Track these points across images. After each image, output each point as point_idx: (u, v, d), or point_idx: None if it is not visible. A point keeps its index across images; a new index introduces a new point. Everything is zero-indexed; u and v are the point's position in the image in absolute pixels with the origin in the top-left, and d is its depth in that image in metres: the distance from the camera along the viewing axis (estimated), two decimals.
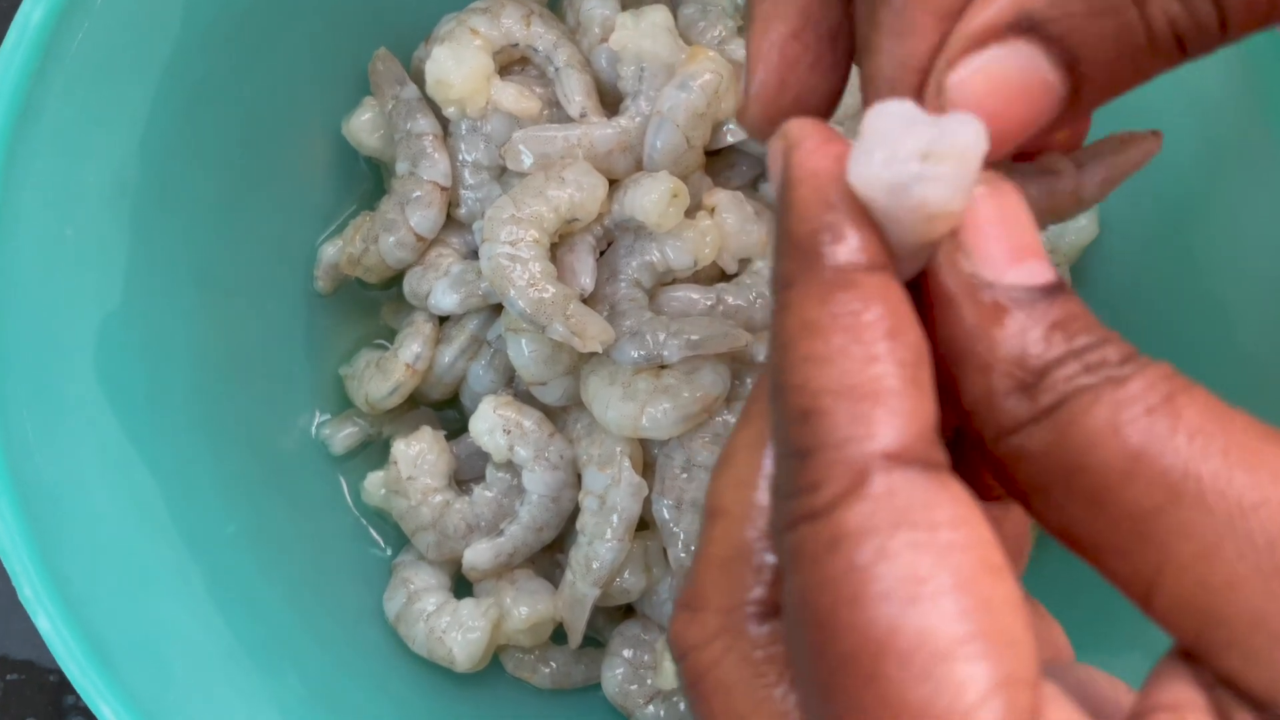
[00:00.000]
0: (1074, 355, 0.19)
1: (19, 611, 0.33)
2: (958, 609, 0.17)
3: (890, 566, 0.18)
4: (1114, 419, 0.18)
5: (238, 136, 0.40)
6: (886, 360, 0.19)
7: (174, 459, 0.38)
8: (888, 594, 0.17)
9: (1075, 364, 0.19)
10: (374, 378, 0.42)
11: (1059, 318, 0.19)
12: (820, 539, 0.18)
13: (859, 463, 0.18)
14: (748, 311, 0.40)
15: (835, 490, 0.18)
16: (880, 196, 0.19)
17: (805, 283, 0.20)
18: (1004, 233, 0.20)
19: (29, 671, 0.47)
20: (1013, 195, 0.20)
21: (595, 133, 0.40)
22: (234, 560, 0.38)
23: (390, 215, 0.41)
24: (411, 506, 0.41)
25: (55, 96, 0.34)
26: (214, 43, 0.38)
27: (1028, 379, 0.19)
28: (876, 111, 0.19)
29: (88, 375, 0.36)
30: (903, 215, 0.19)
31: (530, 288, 0.38)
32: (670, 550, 0.39)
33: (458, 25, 0.40)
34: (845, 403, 0.19)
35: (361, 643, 0.40)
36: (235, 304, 0.41)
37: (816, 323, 0.19)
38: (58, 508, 0.34)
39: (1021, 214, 0.20)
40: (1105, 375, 0.19)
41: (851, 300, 0.19)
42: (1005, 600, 0.18)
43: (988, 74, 0.20)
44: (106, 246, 0.36)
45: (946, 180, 0.19)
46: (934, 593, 0.17)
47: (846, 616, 0.18)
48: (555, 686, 0.42)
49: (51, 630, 0.32)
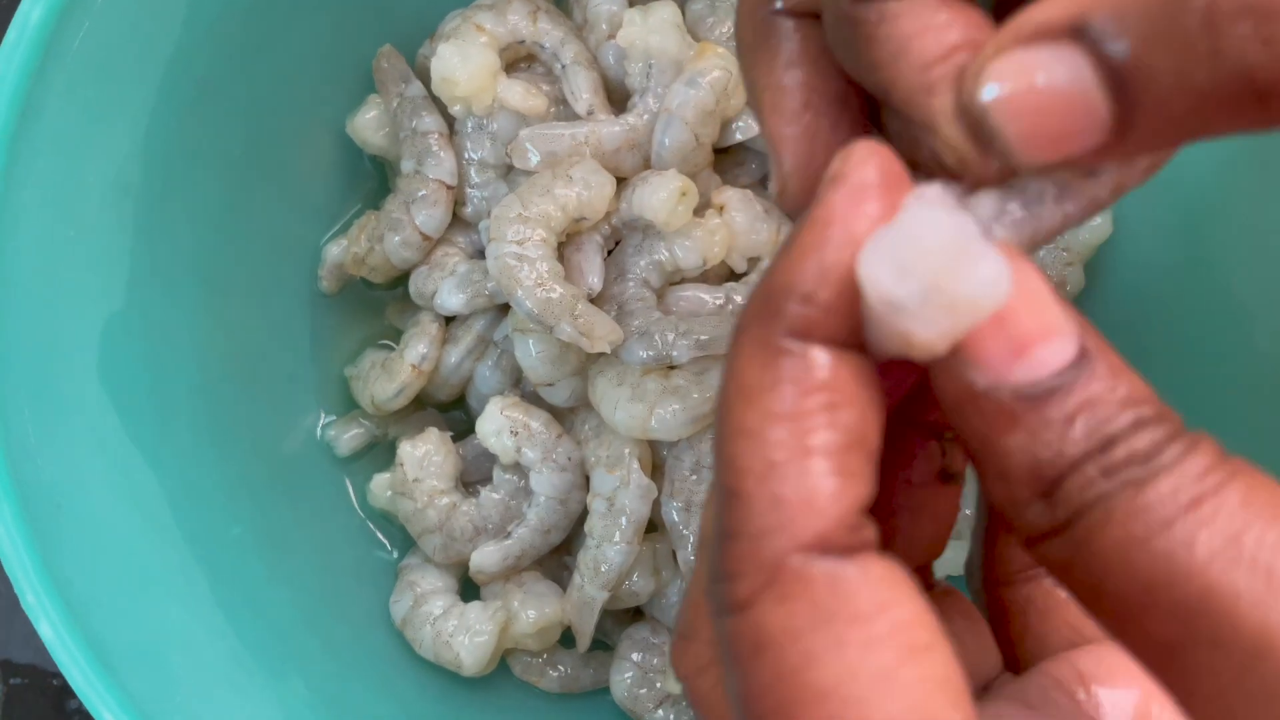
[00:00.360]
0: (1093, 456, 0.17)
1: (21, 615, 0.32)
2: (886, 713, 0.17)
3: (817, 674, 0.17)
4: (1126, 539, 0.17)
5: (241, 135, 0.40)
6: (817, 449, 0.18)
7: (177, 461, 0.37)
8: (816, 699, 0.17)
9: (1093, 467, 0.17)
10: (379, 379, 0.41)
11: (1079, 404, 0.17)
12: (745, 639, 0.18)
13: (774, 557, 0.18)
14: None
15: (753, 585, 0.18)
16: (872, 297, 0.18)
17: (756, 338, 0.18)
18: (1005, 327, 0.18)
19: (32, 675, 0.46)
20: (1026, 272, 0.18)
21: (603, 130, 0.40)
22: (238, 563, 0.38)
23: (395, 214, 0.41)
24: (418, 509, 0.40)
25: (56, 95, 0.34)
26: (217, 40, 0.37)
27: (1046, 488, 0.18)
28: (915, 200, 0.18)
29: (90, 376, 0.35)
30: (883, 325, 0.18)
31: (538, 288, 0.38)
32: (679, 553, 0.39)
33: (463, 22, 0.40)
34: (766, 487, 0.18)
35: (367, 646, 0.40)
36: (239, 304, 0.40)
37: (755, 390, 0.18)
38: (59, 511, 0.33)
39: (1039, 289, 0.18)
40: (1124, 479, 0.17)
41: (795, 373, 0.18)
42: (931, 683, 0.17)
43: (1027, 72, 0.17)
44: (108, 247, 0.36)
45: (941, 330, 0.18)
46: (861, 695, 0.17)
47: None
48: (563, 690, 0.41)
49: (54, 636, 0.32)
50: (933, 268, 0.17)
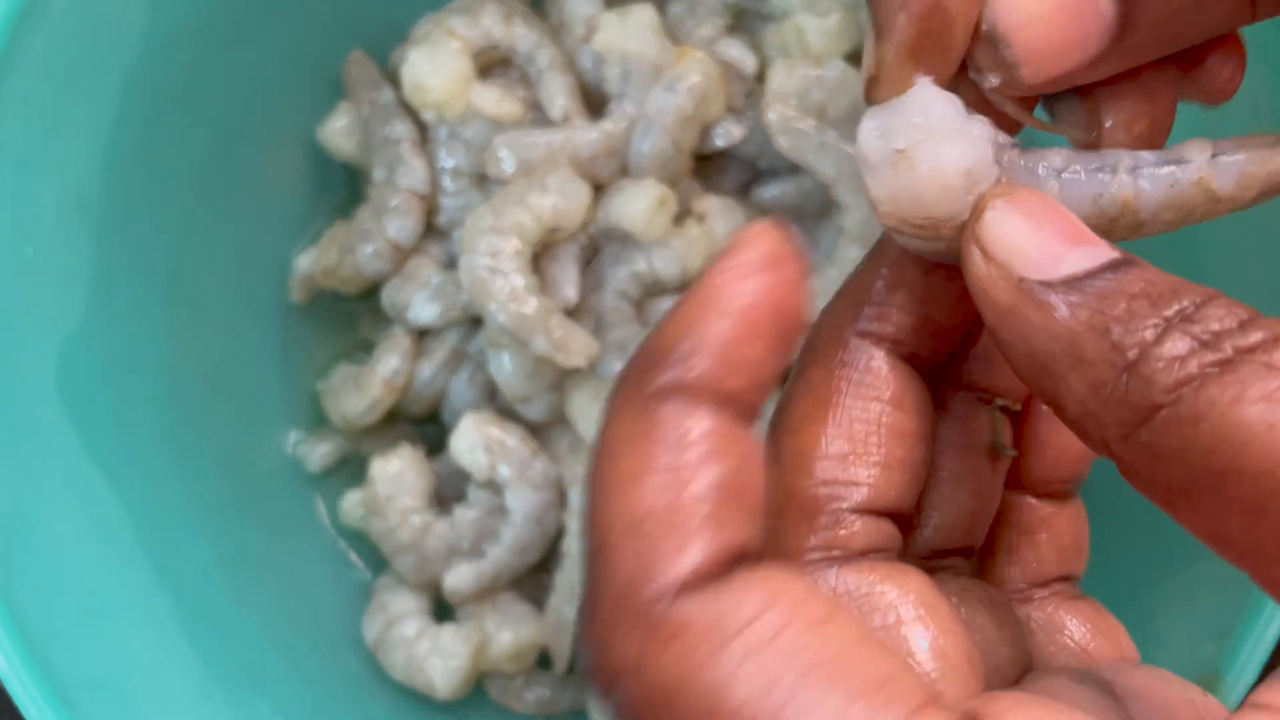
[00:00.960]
0: (1179, 326, 0.17)
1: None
2: (827, 704, 0.16)
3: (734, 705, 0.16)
4: (1265, 412, 0.16)
5: (207, 144, 0.39)
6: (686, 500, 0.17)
7: (141, 482, 0.37)
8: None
9: (1183, 338, 0.16)
10: (351, 393, 0.40)
11: (1141, 286, 0.17)
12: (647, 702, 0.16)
13: (645, 606, 0.17)
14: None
15: (633, 643, 0.17)
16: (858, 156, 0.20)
17: (630, 396, 0.18)
18: (1041, 225, 0.18)
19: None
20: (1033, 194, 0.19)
21: (579, 137, 0.39)
22: (205, 586, 0.37)
23: (367, 224, 0.40)
24: (390, 527, 0.39)
25: (10, 108, 0.33)
26: (180, 48, 0.37)
27: (1132, 365, 0.17)
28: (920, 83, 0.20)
29: (49, 397, 0.35)
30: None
31: (511, 301, 0.37)
32: None
33: (435, 26, 0.39)
34: (630, 540, 0.17)
35: (339, 670, 0.39)
36: (205, 318, 0.40)
37: (623, 445, 0.18)
38: (14, 538, 0.33)
39: (1051, 205, 0.19)
40: (1220, 354, 0.16)
41: (665, 429, 0.17)
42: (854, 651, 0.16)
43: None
44: (68, 264, 0.35)
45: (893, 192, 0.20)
46: (788, 699, 0.16)
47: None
48: (541, 713, 0.41)
49: (8, 670, 0.31)
50: (906, 136, 0.19)
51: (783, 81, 0.38)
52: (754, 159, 0.40)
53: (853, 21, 0.38)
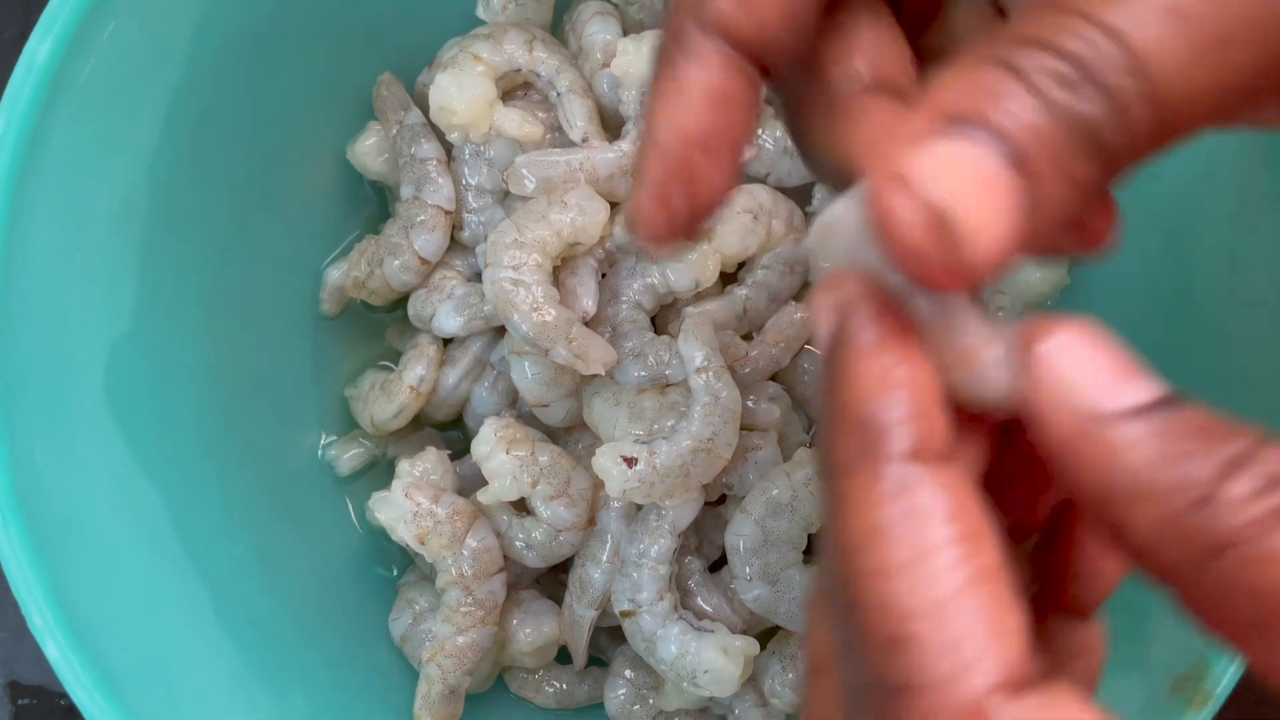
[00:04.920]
0: (1243, 465, 0.17)
1: (29, 636, 0.33)
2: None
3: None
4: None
5: (244, 161, 0.40)
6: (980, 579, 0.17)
7: (181, 481, 0.38)
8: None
9: (1249, 478, 0.17)
10: (378, 400, 0.42)
11: (1202, 423, 0.17)
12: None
13: (971, 703, 0.16)
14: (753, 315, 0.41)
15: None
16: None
17: (866, 474, 0.18)
18: (1100, 356, 0.18)
19: (40, 696, 0.47)
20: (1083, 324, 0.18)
21: (597, 157, 0.40)
22: (241, 581, 0.39)
23: (395, 239, 0.42)
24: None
25: (63, 126, 0.34)
26: (220, 70, 0.38)
27: (1200, 500, 0.17)
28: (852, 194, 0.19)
29: (97, 398, 0.36)
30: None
31: (533, 312, 0.38)
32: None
33: (461, 51, 0.41)
34: (938, 629, 0.17)
35: (368, 663, 0.41)
36: (242, 326, 0.41)
37: (887, 528, 0.17)
38: (66, 533, 0.34)
39: (1103, 335, 0.18)
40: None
41: (924, 499, 0.17)
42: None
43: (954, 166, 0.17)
44: (115, 271, 0.37)
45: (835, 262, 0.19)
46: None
47: None
48: (559, 706, 0.42)
49: (60, 658, 0.33)
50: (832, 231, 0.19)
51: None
52: (763, 178, 0.42)
53: None
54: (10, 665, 0.47)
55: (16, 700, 0.47)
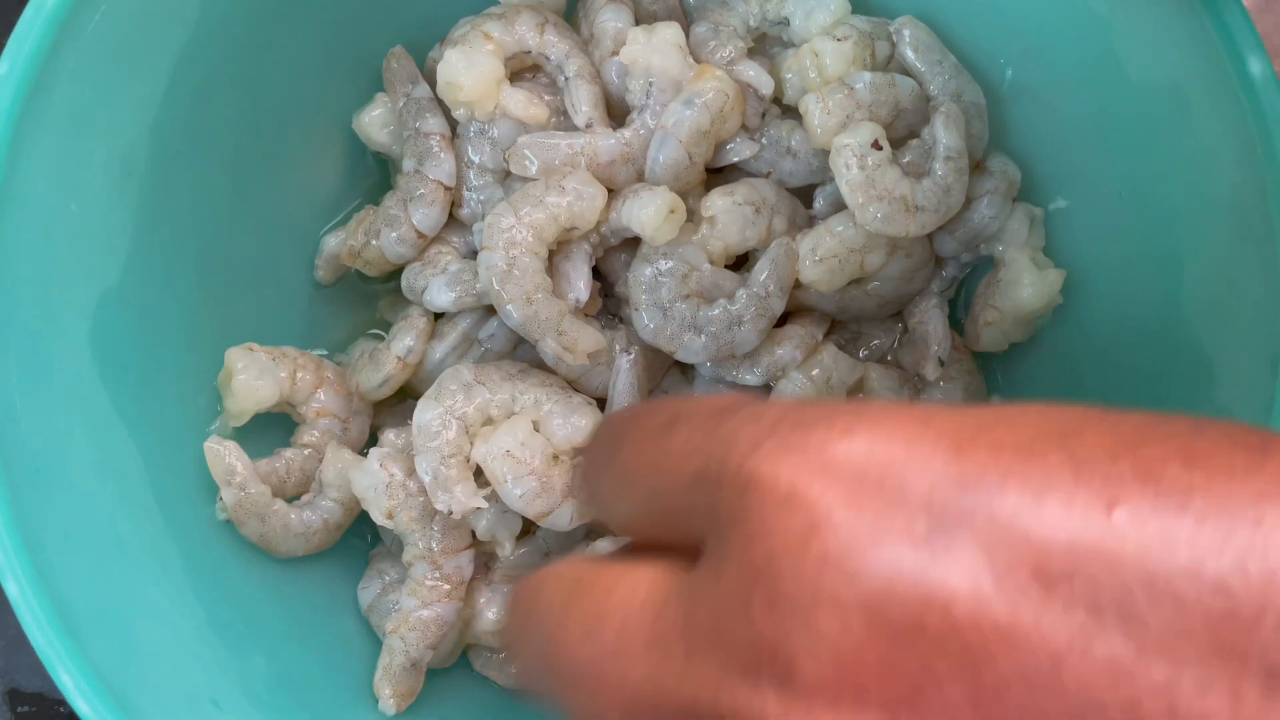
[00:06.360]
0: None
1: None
2: None
3: None
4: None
5: (248, 124, 0.41)
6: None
7: (161, 437, 0.38)
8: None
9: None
10: (366, 368, 0.42)
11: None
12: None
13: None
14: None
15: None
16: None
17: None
18: None
19: (39, 704, 0.47)
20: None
21: (599, 143, 0.40)
22: (212, 542, 0.39)
23: (393, 211, 0.42)
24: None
25: (68, 74, 0.35)
26: (230, 30, 0.39)
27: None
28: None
29: (82, 348, 0.36)
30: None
31: (526, 301, 0.38)
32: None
33: (472, 29, 0.41)
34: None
35: (333, 630, 0.41)
36: (235, 288, 0.41)
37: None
38: (38, 474, 0.34)
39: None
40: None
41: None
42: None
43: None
44: (110, 224, 0.37)
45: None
46: None
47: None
48: (520, 686, 0.42)
49: (19, 595, 0.33)
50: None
51: (823, 119, 0.39)
52: (764, 176, 0.42)
53: (866, 45, 0.40)
54: (10, 673, 0.47)
55: (16, 708, 0.47)
